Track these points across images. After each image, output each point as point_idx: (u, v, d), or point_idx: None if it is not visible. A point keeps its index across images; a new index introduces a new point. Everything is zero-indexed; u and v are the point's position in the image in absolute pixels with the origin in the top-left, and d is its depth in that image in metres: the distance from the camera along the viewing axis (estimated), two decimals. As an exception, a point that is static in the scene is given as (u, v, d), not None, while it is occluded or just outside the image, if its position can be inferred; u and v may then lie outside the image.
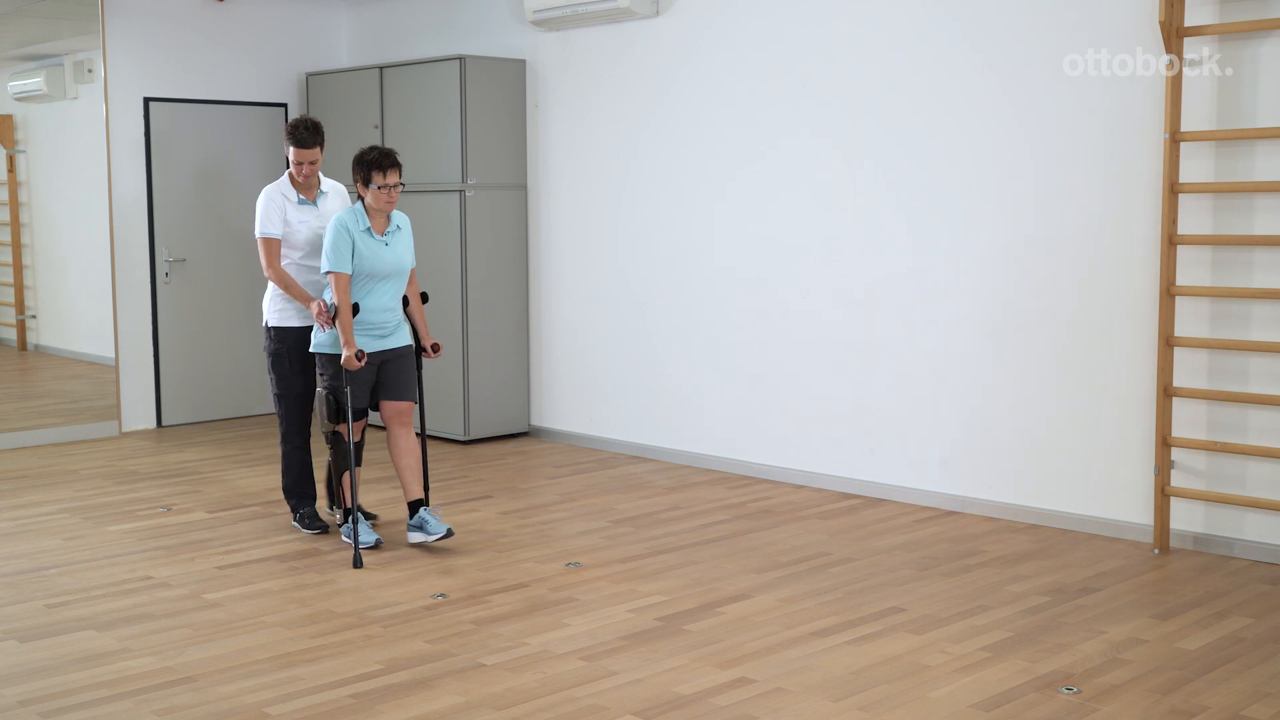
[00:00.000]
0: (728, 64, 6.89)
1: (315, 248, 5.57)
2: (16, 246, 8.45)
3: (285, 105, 8.88)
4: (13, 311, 8.50)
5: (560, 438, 7.97)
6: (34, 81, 8.26)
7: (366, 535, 5.45)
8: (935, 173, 6.08)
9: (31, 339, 8.61)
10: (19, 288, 8.47)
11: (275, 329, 5.65)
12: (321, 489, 6.16)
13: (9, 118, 8.22)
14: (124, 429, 8.26)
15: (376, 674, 4.02)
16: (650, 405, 7.45)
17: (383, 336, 5.40)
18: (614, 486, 6.73)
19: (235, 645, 4.29)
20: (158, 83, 8.30)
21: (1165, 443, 5.36)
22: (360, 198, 5.33)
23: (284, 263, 5.59)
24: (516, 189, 7.97)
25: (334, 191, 5.76)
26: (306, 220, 5.59)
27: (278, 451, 7.81)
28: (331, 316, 5.27)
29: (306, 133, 5.51)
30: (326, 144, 5.66)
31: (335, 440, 5.46)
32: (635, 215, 7.44)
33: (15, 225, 8.40)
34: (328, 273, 5.25)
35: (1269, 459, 5.17)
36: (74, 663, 4.13)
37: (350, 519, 5.43)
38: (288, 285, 5.52)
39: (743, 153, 6.86)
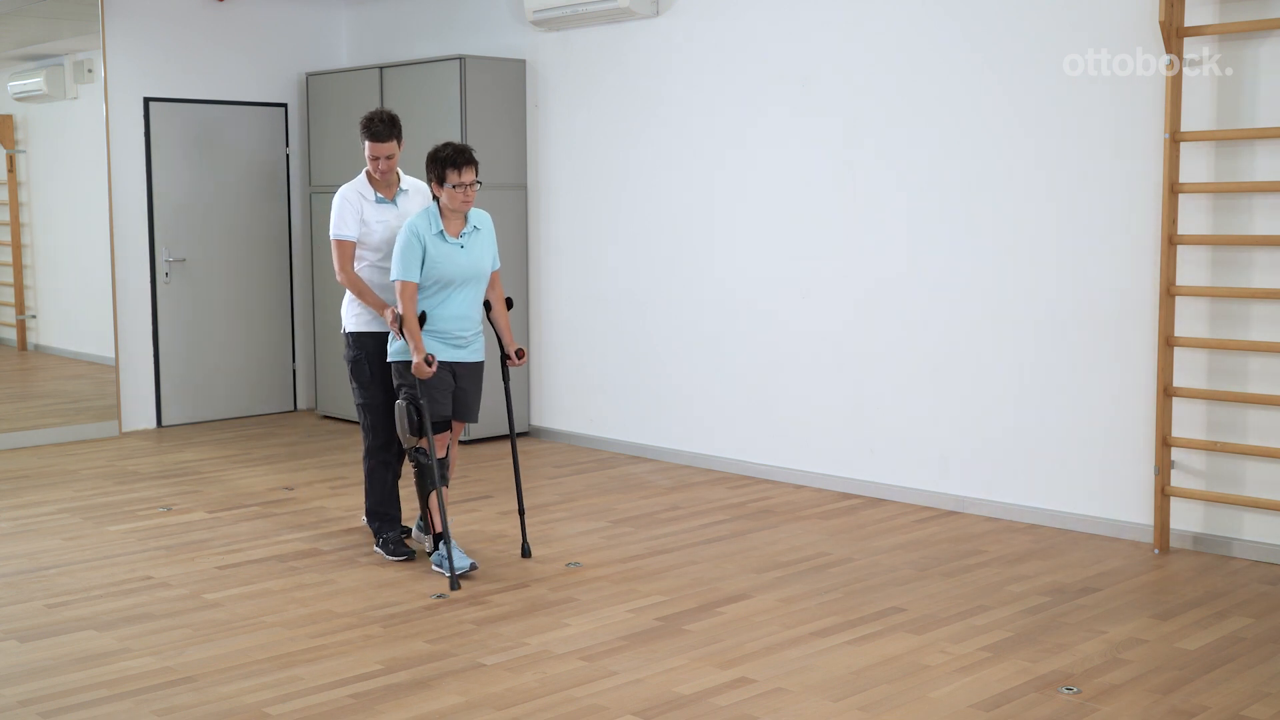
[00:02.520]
0: (728, 64, 6.89)
1: (393, 249, 5.09)
2: (16, 246, 8.45)
3: (285, 105, 8.87)
4: (13, 311, 8.50)
5: (560, 438, 7.97)
6: (34, 81, 8.26)
7: (460, 559, 5.03)
8: (935, 173, 6.08)
9: (31, 339, 8.61)
10: (19, 288, 8.46)
11: (353, 335, 5.30)
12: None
13: (9, 118, 8.22)
14: (124, 429, 8.26)
15: (376, 674, 4.02)
16: (650, 405, 7.45)
17: (459, 347, 5.07)
18: (614, 486, 6.73)
19: (235, 645, 4.29)
20: (158, 83, 8.30)
21: (1165, 443, 5.36)
22: (435, 198, 5.05)
23: (359, 265, 5.23)
24: (516, 189, 7.96)
25: (415, 189, 5.39)
26: (385, 220, 5.23)
27: (278, 451, 7.73)
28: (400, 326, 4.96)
29: (382, 125, 5.18)
30: (333, 143, 5.55)
31: (417, 457, 5.09)
32: (635, 215, 7.44)
33: (15, 225, 8.40)
34: (394, 280, 4.95)
35: (1268, 459, 5.17)
36: (74, 663, 4.13)
37: (438, 545, 5.10)
38: (360, 291, 5.17)
39: (743, 152, 6.86)
